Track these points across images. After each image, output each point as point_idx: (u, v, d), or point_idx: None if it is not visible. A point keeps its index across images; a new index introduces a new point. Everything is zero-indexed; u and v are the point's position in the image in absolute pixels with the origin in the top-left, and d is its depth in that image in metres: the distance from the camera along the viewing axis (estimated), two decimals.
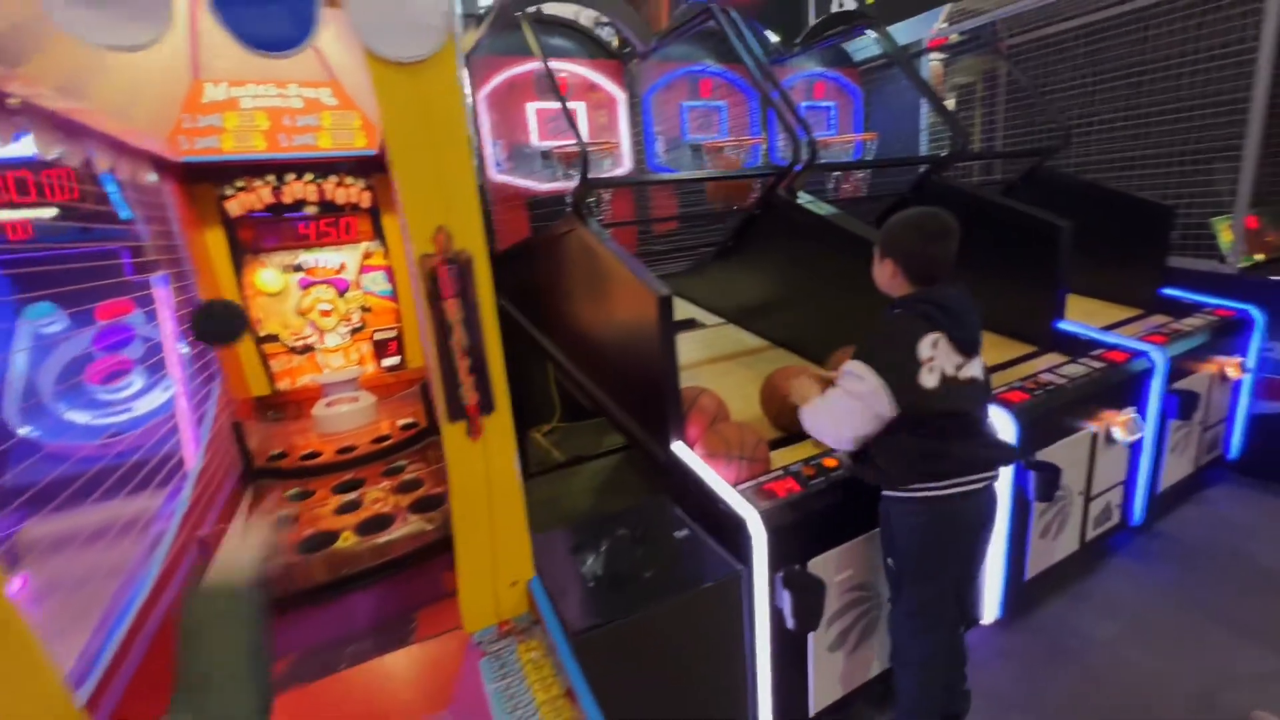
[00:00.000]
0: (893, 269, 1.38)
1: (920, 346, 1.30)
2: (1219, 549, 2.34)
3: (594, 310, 2.05)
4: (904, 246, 1.37)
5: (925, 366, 1.30)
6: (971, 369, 1.37)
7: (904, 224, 1.38)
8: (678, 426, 1.64)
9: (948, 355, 1.32)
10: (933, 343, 1.31)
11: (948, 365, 1.32)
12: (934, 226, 1.34)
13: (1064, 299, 2.46)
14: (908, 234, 1.36)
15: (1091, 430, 2.06)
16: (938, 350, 1.31)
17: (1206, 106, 2.82)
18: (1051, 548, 2.09)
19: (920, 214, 1.38)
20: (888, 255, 1.40)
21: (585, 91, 3.35)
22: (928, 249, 1.34)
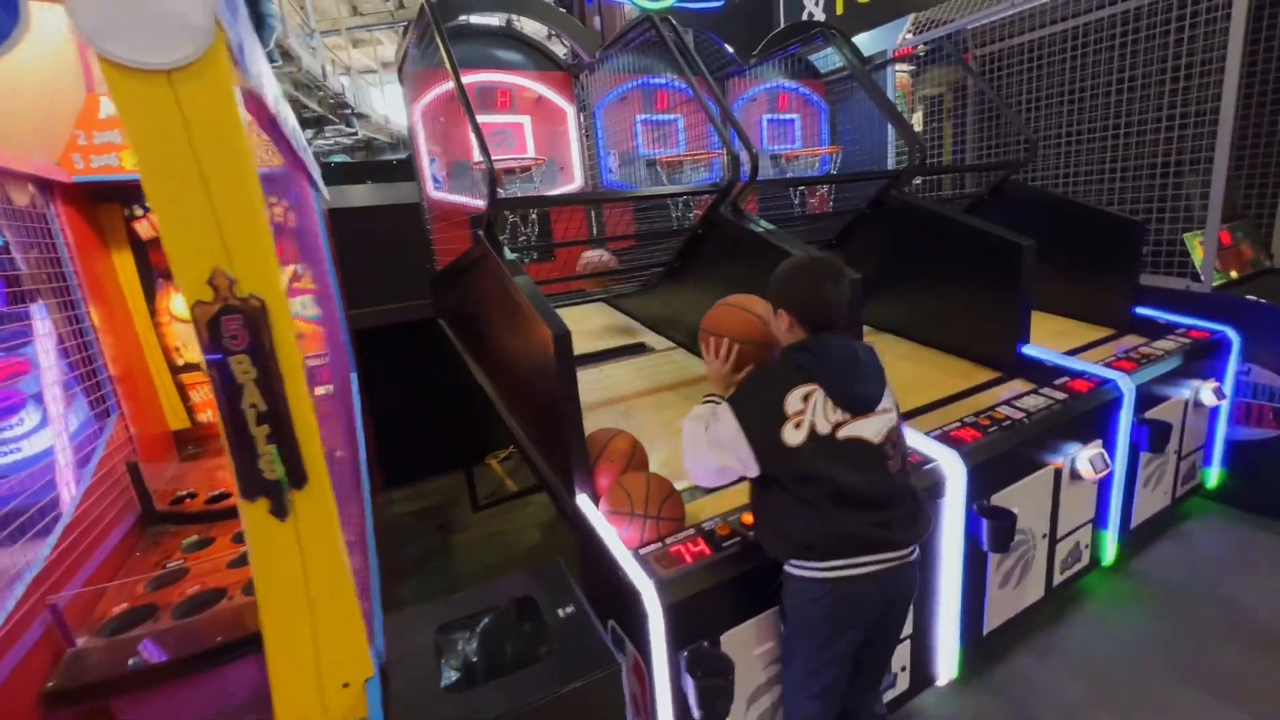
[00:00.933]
0: (788, 320, 1.27)
1: (788, 398, 1.17)
2: (1197, 589, 2.17)
3: (505, 343, 1.88)
4: (793, 295, 1.26)
5: (791, 421, 1.16)
6: (860, 429, 1.19)
7: (791, 271, 1.29)
8: (582, 477, 1.46)
9: (823, 411, 1.17)
10: (803, 395, 1.17)
11: (821, 422, 1.17)
12: (825, 271, 1.25)
13: (1028, 322, 2.31)
14: (795, 281, 1.27)
15: (1054, 467, 1.90)
16: (809, 405, 1.17)
17: (1175, 119, 2.69)
18: (1014, 596, 1.91)
19: (808, 259, 1.31)
20: (780, 306, 1.28)
21: (533, 105, 3.20)
22: (819, 295, 1.24)
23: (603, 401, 2.24)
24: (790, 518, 1.18)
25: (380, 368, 3.43)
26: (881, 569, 1.18)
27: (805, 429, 1.15)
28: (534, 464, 1.78)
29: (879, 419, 1.22)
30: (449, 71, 1.88)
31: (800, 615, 1.23)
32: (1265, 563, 2.27)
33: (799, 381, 1.18)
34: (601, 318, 3.22)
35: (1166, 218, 2.77)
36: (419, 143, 2.91)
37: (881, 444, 1.21)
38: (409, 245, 3.13)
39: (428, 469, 3.78)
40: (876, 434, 1.21)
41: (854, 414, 1.19)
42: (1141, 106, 2.82)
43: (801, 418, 1.16)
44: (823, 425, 1.16)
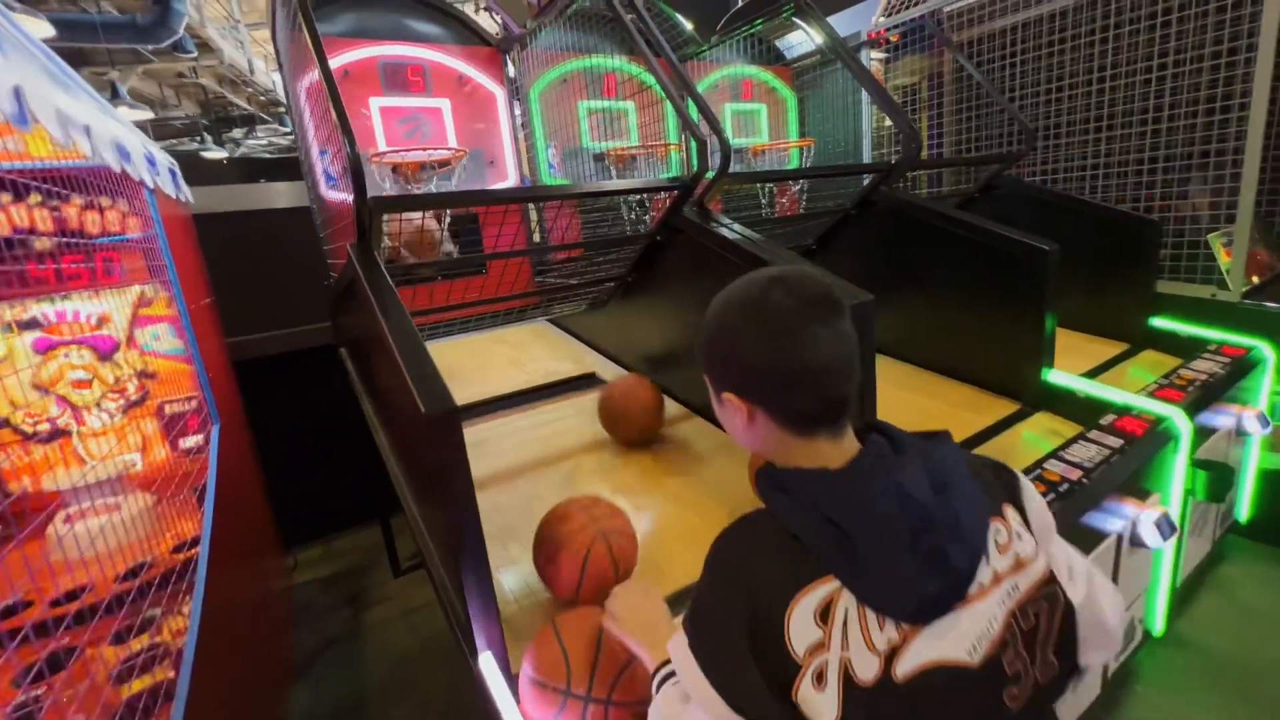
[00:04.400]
0: (745, 409, 0.65)
1: (790, 624, 0.54)
2: (1260, 660, 1.82)
3: (389, 399, 1.35)
4: (737, 354, 0.64)
5: (809, 673, 0.53)
6: (937, 645, 0.55)
7: (726, 308, 0.66)
8: (489, 631, 0.94)
9: (861, 634, 0.54)
10: (819, 608, 0.54)
11: (863, 658, 0.53)
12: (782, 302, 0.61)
13: (1053, 342, 1.93)
14: (736, 328, 0.64)
15: (1115, 534, 1.50)
16: (833, 627, 0.54)
17: (1192, 107, 2.37)
18: (1073, 703, 1.50)
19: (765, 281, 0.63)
20: (725, 388, 0.67)
21: (454, 86, 2.66)
22: (783, 350, 0.61)
23: (541, 459, 1.73)
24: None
25: (278, 402, 2.82)
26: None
27: (835, 683, 0.52)
28: (431, 574, 1.25)
29: (985, 604, 0.58)
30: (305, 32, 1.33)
31: None
32: None
33: (809, 579, 0.55)
34: (541, 342, 2.71)
35: (1188, 217, 2.45)
36: (305, 131, 2.33)
37: (990, 660, 0.57)
38: (307, 257, 2.54)
39: (341, 521, 3.18)
40: (979, 641, 0.57)
41: (924, 620, 0.56)
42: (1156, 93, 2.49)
43: (824, 657, 0.53)
44: (866, 664, 0.53)
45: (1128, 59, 2.55)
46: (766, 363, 0.62)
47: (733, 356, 0.65)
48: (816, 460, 0.63)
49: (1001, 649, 0.58)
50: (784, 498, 0.61)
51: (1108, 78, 2.64)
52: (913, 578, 0.55)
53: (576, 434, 1.86)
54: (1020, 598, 0.60)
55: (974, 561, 0.58)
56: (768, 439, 0.65)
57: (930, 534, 0.56)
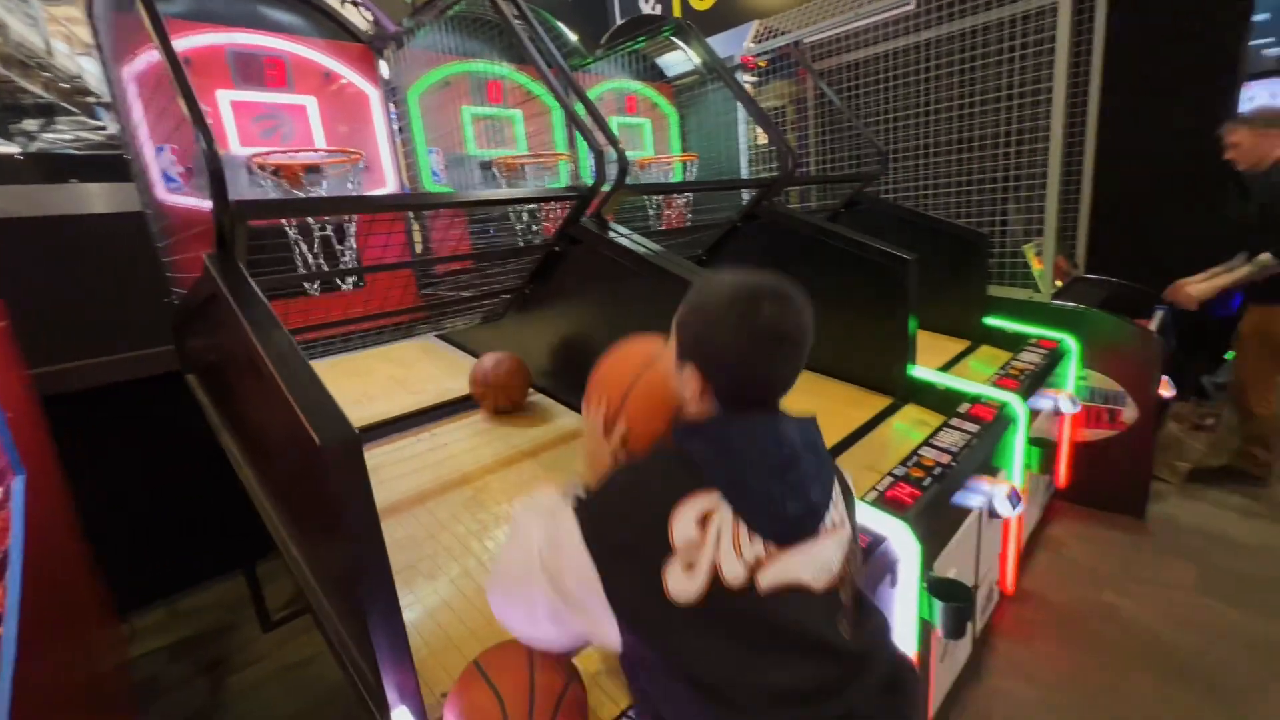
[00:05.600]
0: (699, 384, 0.75)
1: (676, 518, 0.67)
2: (1084, 605, 2.16)
3: (265, 432, 1.19)
4: (714, 346, 0.74)
5: (679, 559, 0.66)
6: (792, 568, 0.69)
7: (719, 306, 0.74)
8: (401, 677, 0.85)
9: (733, 543, 0.68)
10: (700, 515, 0.68)
11: (731, 562, 0.67)
12: (773, 318, 0.71)
13: (915, 341, 2.16)
14: (724, 324, 0.72)
15: (977, 509, 1.70)
16: (710, 532, 0.67)
17: (1011, 138, 2.79)
18: (951, 666, 1.68)
19: (749, 286, 0.73)
20: (688, 357, 0.76)
21: (320, 84, 2.43)
22: (760, 358, 0.72)
23: (441, 484, 1.62)
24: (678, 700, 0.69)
25: (106, 443, 2.38)
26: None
27: (703, 573, 0.66)
28: (322, 624, 1.11)
29: (826, 544, 0.73)
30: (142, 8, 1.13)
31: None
32: (1124, 564, 2.36)
33: (691, 488, 0.69)
34: (431, 359, 2.55)
35: (1008, 231, 2.87)
36: (135, 126, 2.00)
37: (829, 589, 0.72)
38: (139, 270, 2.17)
39: (191, 576, 2.74)
40: (820, 573, 0.71)
41: (782, 543, 0.70)
42: (980, 124, 2.90)
43: (698, 554, 0.66)
44: (733, 568, 0.67)
45: (958, 94, 2.95)
46: (735, 364, 0.73)
47: (709, 344, 0.75)
48: None
49: (839, 585, 0.74)
50: (693, 434, 0.75)
51: (942, 110, 3.04)
52: (779, 500, 0.71)
53: (478, 454, 1.76)
54: (847, 551, 0.77)
55: (825, 501, 0.75)
56: (709, 410, 0.77)
57: (795, 471, 0.73)
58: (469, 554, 1.33)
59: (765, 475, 0.71)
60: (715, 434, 0.73)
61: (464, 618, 1.15)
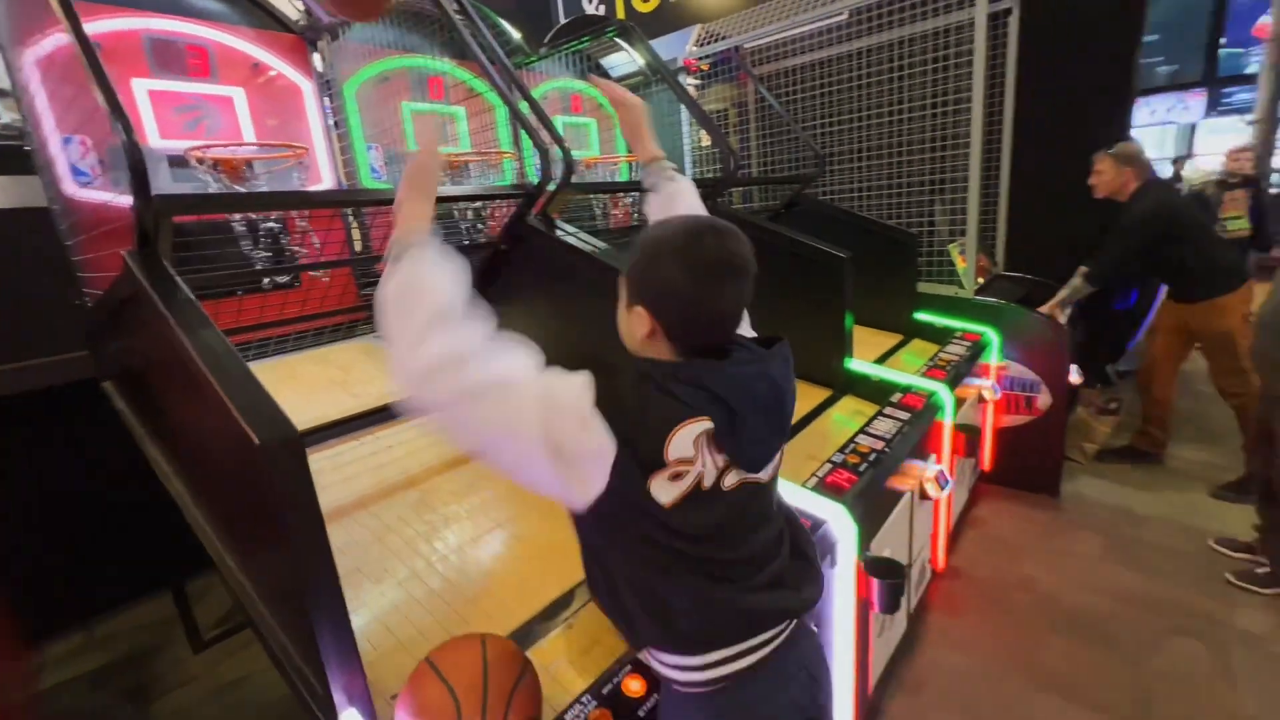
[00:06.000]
0: (650, 325, 0.78)
1: (673, 439, 0.72)
2: (1007, 578, 2.33)
3: (194, 438, 1.14)
4: (664, 286, 0.76)
5: (669, 471, 0.73)
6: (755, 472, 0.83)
7: (661, 244, 0.77)
8: (347, 683, 0.84)
9: (711, 460, 0.76)
10: (694, 437, 0.74)
11: (709, 472, 0.76)
12: (714, 252, 0.75)
13: (851, 336, 2.27)
14: (668, 263, 0.75)
15: (909, 491, 1.81)
16: (699, 450, 0.74)
17: (937, 144, 2.97)
18: (887, 641, 1.78)
19: (693, 228, 0.77)
20: (640, 302, 0.79)
21: (248, 75, 2.32)
22: (705, 294, 0.75)
23: (386, 487, 1.58)
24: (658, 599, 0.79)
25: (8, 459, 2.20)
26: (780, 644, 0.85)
27: (687, 482, 0.74)
28: (265, 636, 1.08)
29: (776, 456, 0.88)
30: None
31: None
32: (1042, 537, 2.55)
33: (687, 416, 0.73)
34: (373, 361, 2.47)
35: (935, 231, 3.05)
36: (37, 115, 1.85)
37: (772, 480, 0.88)
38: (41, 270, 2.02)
39: (112, 598, 2.56)
40: (770, 470, 0.86)
41: (757, 470, 0.82)
42: (910, 130, 3.07)
43: (687, 469, 0.73)
44: (710, 475, 0.76)
45: (889, 101, 3.11)
46: (684, 300, 0.76)
47: (657, 283, 0.77)
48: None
49: (774, 476, 0.88)
50: (679, 384, 0.75)
51: (875, 116, 3.19)
52: (765, 438, 0.81)
53: (424, 456, 1.73)
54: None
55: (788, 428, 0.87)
56: (659, 350, 0.80)
57: (780, 410, 0.83)
58: (417, 555, 1.31)
59: (758, 417, 0.78)
60: (709, 381, 0.75)
61: (414, 620, 1.14)
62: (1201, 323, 2.65)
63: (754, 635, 0.83)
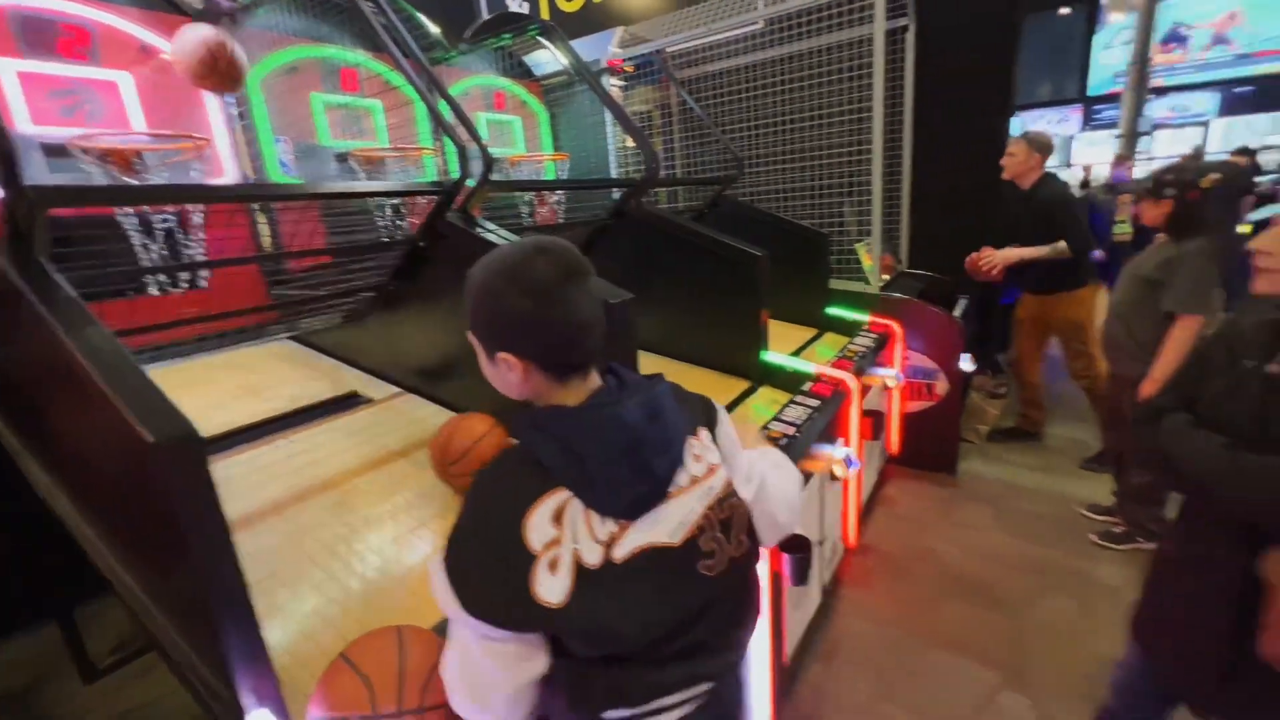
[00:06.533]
0: (520, 365, 0.74)
1: (528, 525, 0.68)
2: (910, 551, 2.53)
3: (80, 444, 1.08)
4: (504, 315, 0.73)
5: (543, 561, 0.68)
6: (644, 534, 0.72)
7: (490, 274, 0.73)
8: (256, 685, 0.83)
9: (586, 530, 0.70)
10: (554, 513, 0.69)
11: (589, 548, 0.70)
12: (544, 269, 0.71)
13: (767, 330, 2.39)
14: (501, 291, 0.72)
15: (818, 474, 1.94)
16: (566, 526, 0.69)
17: (844, 149, 3.17)
18: (802, 613, 1.90)
19: (518, 252, 0.73)
20: (488, 340, 0.76)
21: (136, 58, 2.16)
22: (544, 309, 0.71)
23: (302, 490, 1.54)
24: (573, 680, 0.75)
25: None
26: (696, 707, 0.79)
27: (567, 569, 0.68)
28: (168, 653, 1.03)
29: (681, 500, 0.76)
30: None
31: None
32: (942, 512, 2.79)
33: (541, 492, 0.69)
34: (286, 364, 2.37)
35: (844, 231, 3.26)
36: None
37: (688, 540, 0.75)
38: None
39: None
40: (677, 530, 0.74)
41: (631, 518, 0.72)
42: (824, 136, 3.26)
43: (558, 551, 0.68)
44: (591, 552, 0.69)
45: (804, 108, 3.29)
46: (533, 321, 0.71)
47: (501, 318, 0.73)
48: (568, 399, 0.76)
49: (699, 533, 0.76)
50: (536, 432, 0.73)
51: (789, 121, 3.37)
52: (628, 484, 0.72)
53: (344, 458, 1.69)
54: (717, 494, 0.79)
55: (673, 469, 0.76)
56: (538, 388, 0.77)
57: (640, 453, 0.73)
58: (335, 558, 1.29)
59: (610, 463, 0.71)
60: (557, 429, 0.72)
61: (333, 622, 1.12)
62: (1057, 313, 3.00)
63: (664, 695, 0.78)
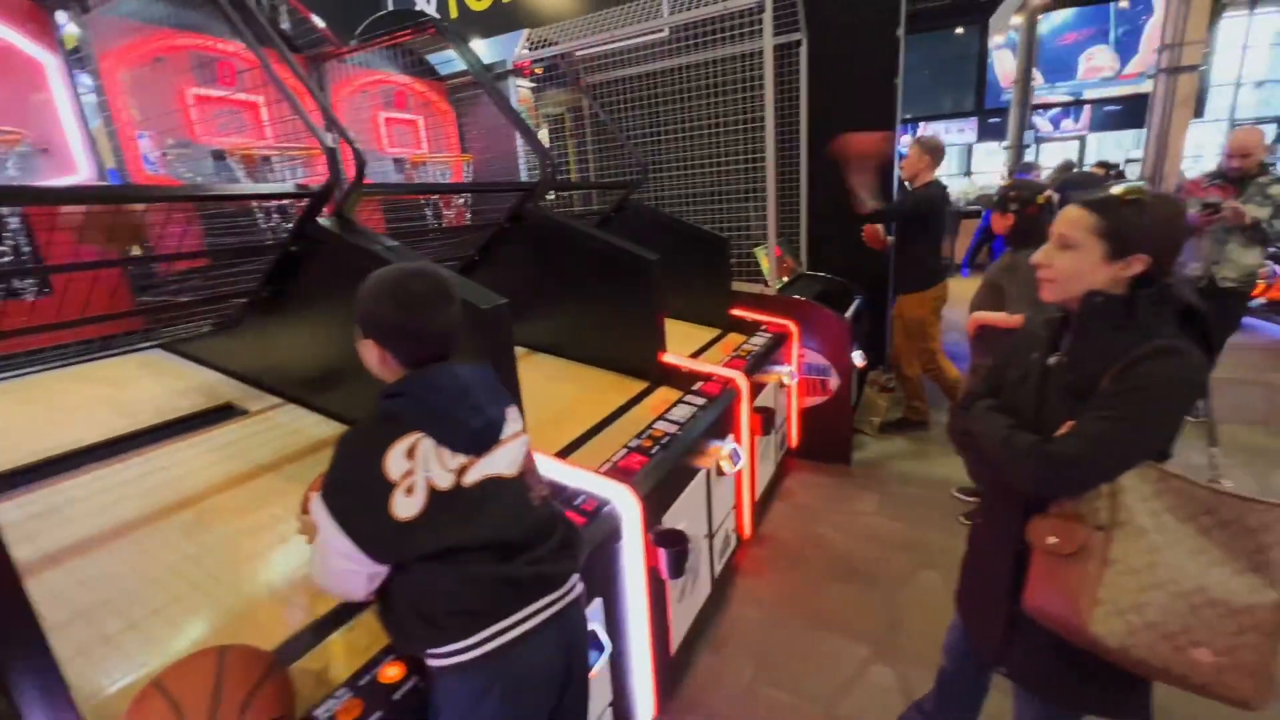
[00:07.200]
0: (378, 352, 1.01)
1: (388, 460, 0.91)
2: (802, 539, 2.68)
3: None
4: (383, 322, 0.99)
5: (401, 488, 0.91)
6: (490, 465, 1.00)
7: (379, 291, 1.00)
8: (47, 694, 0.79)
9: (438, 461, 0.94)
10: (407, 450, 0.92)
11: (440, 475, 0.94)
12: (416, 288, 0.99)
13: (663, 331, 2.46)
14: (383, 301, 0.99)
15: (704, 470, 2.02)
16: (418, 459, 0.93)
17: (743, 157, 3.30)
18: (690, 604, 1.98)
19: (400, 274, 1.01)
20: (367, 333, 1.02)
21: None
22: (411, 319, 0.98)
23: (152, 511, 1.45)
24: (426, 593, 0.95)
25: None
26: (547, 616, 1.01)
27: (421, 491, 0.91)
28: None
29: (511, 446, 1.05)
30: None
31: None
32: (833, 501, 2.97)
33: (396, 435, 0.92)
34: (153, 375, 2.22)
35: (739, 235, 3.39)
36: None
37: (520, 475, 1.05)
38: None
39: None
40: (511, 464, 1.04)
41: (478, 452, 0.99)
42: (726, 143, 3.38)
43: (412, 479, 0.91)
44: (443, 478, 0.94)
45: (707, 115, 3.40)
46: (400, 327, 0.98)
47: (379, 319, 0.99)
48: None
49: (526, 472, 1.06)
50: (391, 399, 0.97)
51: (694, 128, 3.47)
52: (465, 420, 0.98)
53: (208, 474, 1.61)
54: (526, 449, 1.10)
55: (500, 417, 1.05)
56: (395, 371, 1.01)
57: (471, 396, 1.01)
58: (181, 579, 1.23)
59: (450, 404, 0.98)
60: (406, 388, 0.97)
61: (168, 649, 1.07)
62: (907, 311, 3.31)
63: (517, 608, 0.97)
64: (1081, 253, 0.99)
